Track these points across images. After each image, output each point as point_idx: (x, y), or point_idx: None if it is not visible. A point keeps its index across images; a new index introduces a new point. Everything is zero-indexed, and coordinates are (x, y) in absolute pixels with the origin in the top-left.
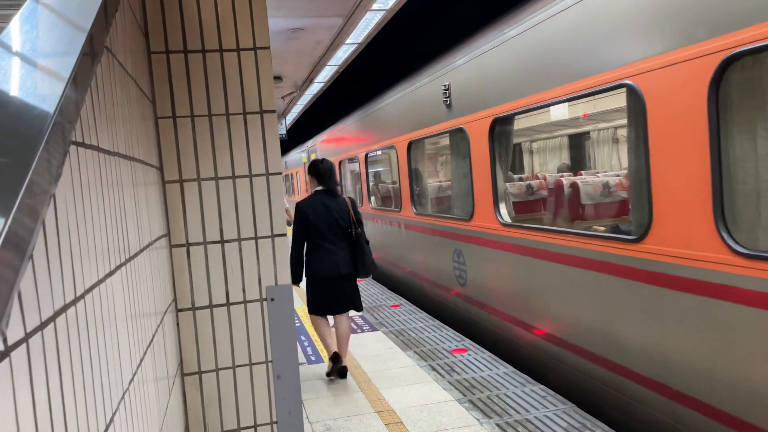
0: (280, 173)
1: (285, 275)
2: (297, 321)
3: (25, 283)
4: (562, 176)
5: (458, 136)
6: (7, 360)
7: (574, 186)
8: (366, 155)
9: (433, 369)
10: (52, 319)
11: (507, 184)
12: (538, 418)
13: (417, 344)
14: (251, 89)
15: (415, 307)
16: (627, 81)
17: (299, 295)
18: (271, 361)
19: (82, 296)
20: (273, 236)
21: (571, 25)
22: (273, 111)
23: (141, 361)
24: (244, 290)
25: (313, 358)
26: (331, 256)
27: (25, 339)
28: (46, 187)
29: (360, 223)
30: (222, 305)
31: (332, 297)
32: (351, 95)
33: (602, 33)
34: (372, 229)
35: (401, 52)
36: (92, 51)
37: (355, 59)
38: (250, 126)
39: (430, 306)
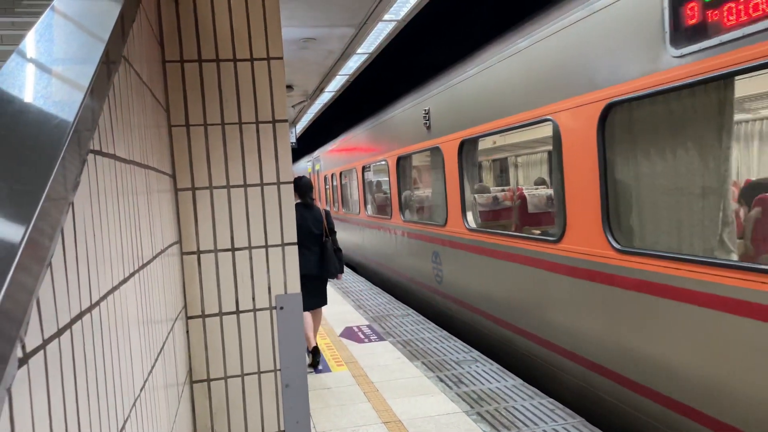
0: (291, 182)
1: (294, 284)
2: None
3: (44, 290)
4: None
5: (436, 153)
6: (25, 367)
7: (522, 197)
8: (363, 167)
9: (441, 380)
10: (69, 326)
11: (474, 195)
12: None
13: (425, 355)
14: (264, 98)
15: (422, 317)
16: (549, 117)
17: None
18: (279, 370)
19: (98, 303)
20: (283, 245)
21: (513, 69)
22: (285, 120)
23: (152, 368)
24: (253, 298)
25: (320, 368)
26: (306, 259)
27: (43, 346)
28: (65, 196)
29: (332, 231)
30: (231, 313)
31: (309, 294)
32: (361, 104)
33: (536, 78)
34: (367, 234)
35: (412, 62)
36: (110, 60)
37: (365, 69)
38: (263, 135)
39: (414, 301)
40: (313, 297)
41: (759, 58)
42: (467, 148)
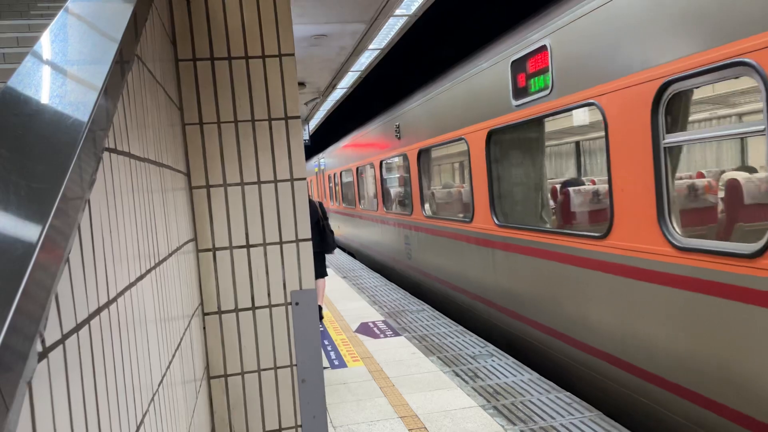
0: (304, 178)
1: (309, 279)
2: (321, 325)
3: (62, 286)
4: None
5: (404, 158)
6: (45, 360)
7: (458, 192)
8: (357, 169)
9: (457, 375)
10: (87, 321)
11: (430, 190)
12: (564, 426)
13: (440, 350)
14: (276, 96)
15: (438, 312)
16: (463, 137)
17: None
18: (295, 365)
19: (115, 299)
20: (298, 241)
21: (444, 105)
22: (298, 117)
23: (170, 363)
24: (269, 294)
25: (336, 363)
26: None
27: (62, 340)
28: (81, 193)
29: (326, 218)
30: (248, 309)
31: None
32: (373, 100)
33: (457, 111)
34: (359, 225)
35: (424, 57)
36: (123, 60)
37: (377, 65)
38: (275, 132)
39: (399, 277)
40: (317, 269)
41: (543, 111)
42: (423, 155)
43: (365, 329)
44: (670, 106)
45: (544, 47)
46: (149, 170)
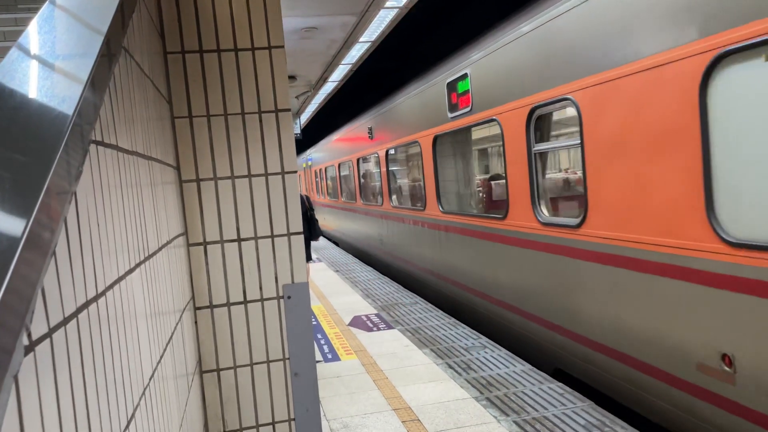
0: (295, 171)
1: (301, 273)
2: (313, 319)
3: (48, 280)
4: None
5: (376, 156)
6: (31, 354)
7: (415, 185)
8: (338, 165)
9: (450, 367)
10: (75, 315)
11: (396, 184)
12: (556, 416)
13: (433, 342)
14: (266, 88)
15: (431, 305)
16: (417, 140)
17: (314, 293)
18: (288, 359)
19: (103, 293)
20: (289, 234)
21: (402, 114)
22: (288, 110)
23: (161, 358)
24: (261, 288)
25: (329, 356)
26: None
27: (49, 334)
28: (67, 186)
29: (311, 209)
30: (239, 303)
31: None
32: (365, 93)
33: (412, 118)
34: (341, 216)
35: (415, 50)
36: (110, 52)
37: (368, 57)
38: (266, 125)
39: (374, 260)
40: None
41: (467, 123)
42: (390, 154)
43: (358, 322)
44: (537, 124)
45: (466, 74)
46: (138, 163)
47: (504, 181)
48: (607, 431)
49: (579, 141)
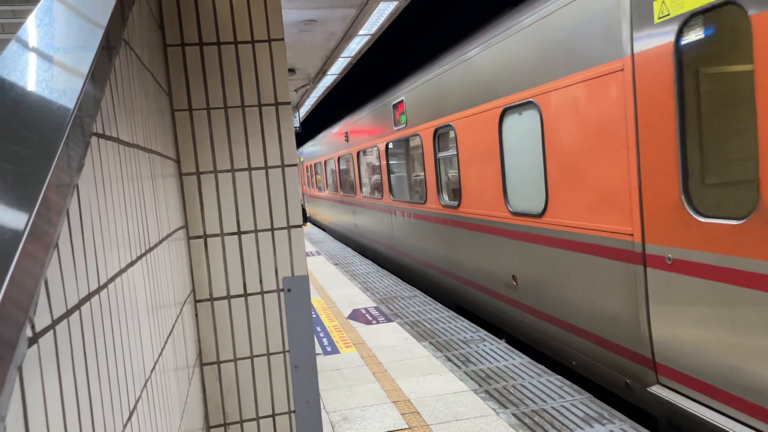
0: (295, 164)
1: (302, 266)
2: (313, 312)
3: (52, 272)
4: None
5: (350, 156)
6: (35, 346)
7: (378, 180)
8: (325, 162)
9: (449, 359)
10: (78, 307)
11: (366, 179)
12: (555, 408)
13: (432, 335)
14: (266, 81)
15: (429, 298)
16: (377, 145)
17: (314, 286)
18: (288, 351)
19: (105, 285)
20: (289, 227)
21: (366, 118)
22: (288, 103)
23: (162, 350)
24: (261, 281)
25: (329, 349)
26: None
27: (52, 326)
28: (69, 178)
29: (303, 200)
30: (240, 296)
31: None
32: (364, 86)
33: (375, 125)
34: (323, 206)
35: (415, 43)
36: (110, 44)
37: (368, 50)
38: (266, 118)
39: (352, 243)
40: None
41: (404, 135)
42: (360, 154)
43: (357, 315)
44: (440, 139)
45: (402, 100)
46: (138, 156)
47: (424, 177)
48: (606, 423)
49: (456, 152)
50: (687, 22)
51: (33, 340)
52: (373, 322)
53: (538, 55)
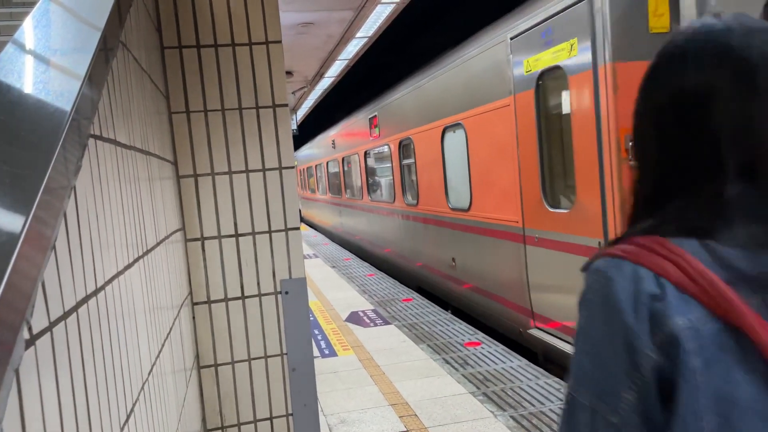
0: (293, 167)
1: (299, 268)
2: (311, 315)
3: (49, 274)
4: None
5: (336, 161)
6: (32, 348)
7: (359, 183)
8: (315, 166)
9: (447, 362)
10: (75, 309)
11: (350, 181)
12: (553, 411)
13: (430, 338)
14: (264, 83)
15: (427, 301)
16: (357, 152)
17: (311, 288)
18: (286, 354)
19: (103, 287)
20: (287, 230)
21: (349, 129)
22: (285, 105)
23: (159, 352)
24: (258, 283)
25: (326, 352)
26: None
27: (49, 328)
28: (66, 180)
29: None
30: (237, 298)
31: None
32: (362, 89)
33: (357, 134)
34: (315, 207)
35: (412, 45)
36: (107, 46)
37: (365, 53)
38: (263, 120)
39: (338, 239)
40: None
41: (378, 144)
42: (345, 160)
43: (355, 318)
44: (404, 149)
45: (375, 114)
46: (136, 158)
47: (393, 180)
48: None
49: (414, 161)
50: (541, 76)
51: (30, 343)
52: (371, 324)
53: (464, 89)
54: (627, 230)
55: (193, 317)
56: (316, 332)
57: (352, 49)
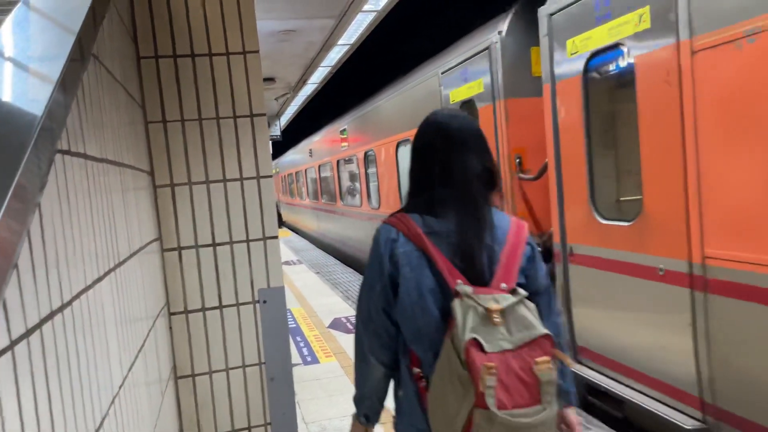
0: (271, 176)
1: (277, 277)
2: (293, 322)
3: (10, 292)
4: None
5: (314, 169)
6: None
7: (330, 190)
8: (296, 173)
9: None
10: (39, 326)
11: (325, 188)
12: None
13: None
14: (241, 93)
15: None
16: (330, 161)
17: (294, 295)
18: (264, 363)
19: (70, 303)
20: (265, 239)
21: (321, 141)
22: (263, 114)
23: (132, 365)
24: (236, 293)
25: (309, 359)
26: None
27: (11, 347)
28: (31, 197)
29: (278, 206)
30: (215, 308)
31: None
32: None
33: (327, 146)
34: (296, 211)
35: (394, 53)
36: (78, 58)
37: (348, 60)
38: (241, 130)
39: (312, 240)
40: None
41: (348, 155)
42: (321, 168)
43: (338, 324)
44: (368, 159)
45: (345, 128)
46: (108, 171)
47: (360, 187)
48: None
49: (376, 170)
50: (462, 105)
51: None
52: (353, 330)
53: (411, 110)
54: (399, 209)
55: (170, 327)
56: (299, 339)
57: (335, 56)
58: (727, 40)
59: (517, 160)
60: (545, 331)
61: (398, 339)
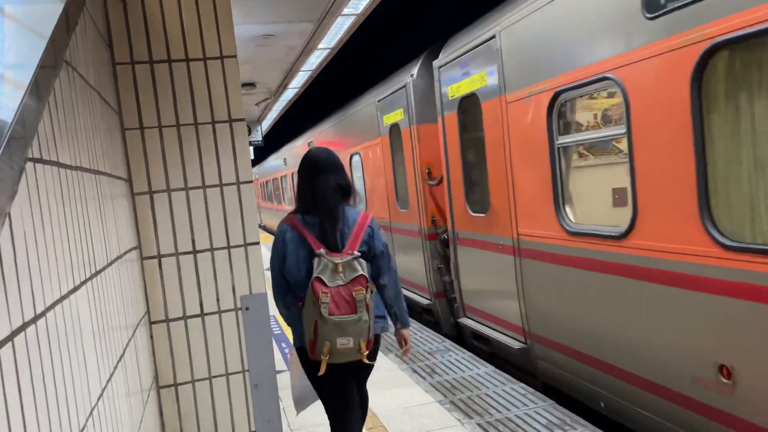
0: (250, 181)
1: (260, 283)
2: (278, 328)
3: None
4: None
5: (287, 176)
6: None
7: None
8: (273, 180)
9: (415, 371)
10: (10, 338)
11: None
12: (519, 416)
13: (397, 347)
14: (219, 98)
15: None
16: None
17: None
18: (248, 371)
19: (43, 314)
20: (246, 245)
21: (296, 149)
22: (242, 119)
23: (111, 375)
24: (218, 300)
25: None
26: None
27: None
28: (0, 206)
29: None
30: (196, 316)
31: None
32: (327, 100)
33: (299, 155)
34: (274, 214)
35: (375, 56)
36: (50, 65)
37: (328, 64)
38: (219, 135)
39: None
40: None
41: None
42: (294, 175)
43: None
44: (353, 163)
45: (312, 140)
46: (82, 178)
47: None
48: (568, 429)
49: (361, 174)
50: (390, 128)
51: None
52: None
53: (359, 129)
54: (290, 212)
55: (151, 336)
56: (283, 345)
57: (315, 60)
58: (519, 98)
59: (428, 170)
60: (362, 272)
61: (289, 288)
